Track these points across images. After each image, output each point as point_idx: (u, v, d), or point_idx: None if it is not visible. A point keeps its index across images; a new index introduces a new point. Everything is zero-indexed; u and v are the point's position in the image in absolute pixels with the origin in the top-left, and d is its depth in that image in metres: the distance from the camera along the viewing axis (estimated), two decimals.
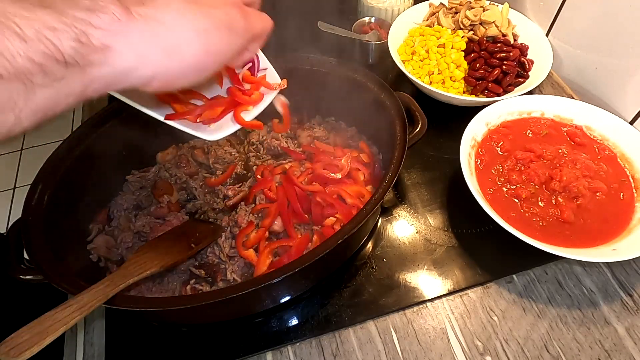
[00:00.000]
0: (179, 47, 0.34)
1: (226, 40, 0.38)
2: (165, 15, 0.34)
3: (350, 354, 0.58)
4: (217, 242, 0.65)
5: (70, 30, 0.28)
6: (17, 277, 0.53)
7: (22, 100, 0.28)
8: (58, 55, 0.28)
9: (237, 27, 0.38)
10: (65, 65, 0.29)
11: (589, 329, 0.59)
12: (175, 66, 0.35)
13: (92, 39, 0.29)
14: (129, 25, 0.31)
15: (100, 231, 0.67)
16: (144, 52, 0.33)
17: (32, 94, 0.28)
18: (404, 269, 0.65)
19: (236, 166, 0.76)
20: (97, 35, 0.29)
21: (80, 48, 0.29)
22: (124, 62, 0.32)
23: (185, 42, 0.35)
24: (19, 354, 0.39)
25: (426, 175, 0.77)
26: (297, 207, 0.65)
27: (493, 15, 0.90)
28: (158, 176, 0.74)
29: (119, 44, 0.31)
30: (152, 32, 0.33)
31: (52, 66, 0.28)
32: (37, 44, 0.27)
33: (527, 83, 0.84)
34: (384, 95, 0.66)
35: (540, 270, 0.65)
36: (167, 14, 0.34)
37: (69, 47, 0.28)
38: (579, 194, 0.65)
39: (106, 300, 0.46)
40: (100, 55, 0.30)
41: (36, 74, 0.28)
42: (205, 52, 0.36)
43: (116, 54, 0.31)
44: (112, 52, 0.31)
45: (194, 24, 0.35)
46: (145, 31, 0.32)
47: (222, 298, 0.47)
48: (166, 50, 0.34)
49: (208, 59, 0.37)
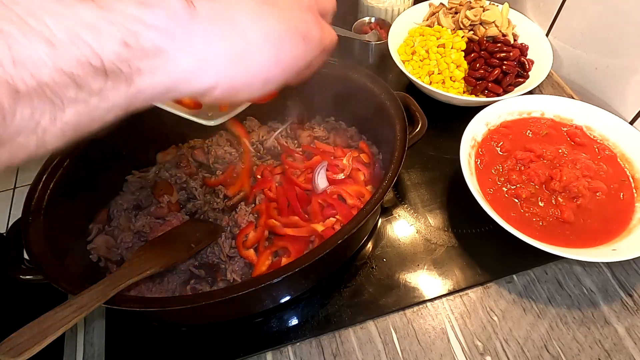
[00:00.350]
0: (248, 54, 0.29)
1: (300, 50, 0.33)
2: (237, 13, 0.28)
3: (350, 354, 0.58)
4: (217, 242, 0.65)
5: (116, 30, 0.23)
6: (17, 277, 0.53)
7: (47, 120, 0.22)
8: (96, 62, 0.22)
9: (312, 38, 0.33)
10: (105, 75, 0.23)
11: (589, 329, 0.59)
12: (241, 75, 0.30)
13: (143, 40, 0.24)
14: (191, 23, 0.26)
15: (100, 231, 0.67)
16: (206, 56, 0.27)
17: (61, 111, 0.22)
18: (404, 269, 0.65)
19: (236, 166, 0.76)
20: (150, 37, 0.24)
21: (126, 52, 0.23)
22: (181, 68, 0.26)
23: (257, 47, 0.29)
24: (19, 354, 0.39)
25: (426, 175, 0.77)
26: (297, 207, 0.65)
27: (493, 15, 0.90)
28: (158, 176, 0.74)
29: (176, 46, 0.25)
30: (219, 33, 0.27)
31: (87, 77, 0.22)
32: (69, 48, 0.21)
33: (527, 83, 0.84)
34: (384, 95, 0.66)
35: (540, 270, 0.65)
36: (239, 13, 0.28)
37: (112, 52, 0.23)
38: (579, 194, 0.65)
39: (106, 300, 0.46)
40: (151, 61, 0.24)
41: (66, 87, 0.22)
42: (276, 61, 0.31)
43: (172, 59, 0.25)
44: (167, 56, 0.25)
45: (268, 28, 0.30)
46: (210, 30, 0.27)
47: (222, 298, 0.47)
48: (233, 55, 0.28)
49: (277, 70, 0.32)
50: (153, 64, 0.25)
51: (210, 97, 0.30)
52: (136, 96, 0.25)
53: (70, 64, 0.21)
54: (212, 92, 0.29)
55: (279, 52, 0.31)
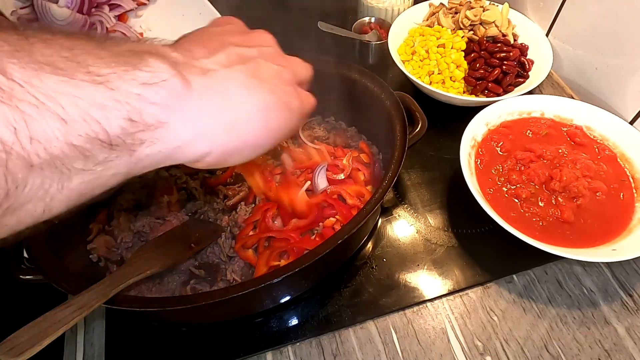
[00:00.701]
0: (240, 122, 0.32)
1: (285, 118, 0.36)
2: (228, 87, 0.31)
3: (350, 354, 0.58)
4: (217, 242, 0.65)
5: (122, 108, 0.25)
6: (17, 277, 0.53)
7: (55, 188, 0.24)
8: (103, 136, 0.24)
9: (293, 106, 0.37)
10: (110, 147, 0.25)
11: (589, 329, 0.59)
12: (234, 142, 0.32)
13: (146, 116, 0.26)
14: (188, 98, 0.28)
15: (100, 231, 0.67)
16: (202, 126, 0.30)
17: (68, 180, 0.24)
18: (404, 269, 0.65)
19: (236, 166, 0.76)
20: (152, 112, 0.26)
21: (131, 127, 0.25)
22: (179, 137, 0.29)
23: (248, 117, 0.32)
24: (19, 354, 0.39)
25: (426, 175, 0.77)
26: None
27: (493, 15, 0.90)
28: (158, 176, 0.74)
29: (175, 118, 0.28)
30: (213, 105, 0.30)
31: (94, 149, 0.24)
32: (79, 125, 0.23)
33: (527, 83, 0.84)
34: (384, 95, 0.66)
35: (540, 270, 0.65)
36: (231, 86, 0.31)
37: (118, 127, 0.25)
38: (579, 194, 0.65)
39: (106, 300, 0.46)
40: (152, 133, 0.27)
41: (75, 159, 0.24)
42: (266, 129, 0.34)
43: (171, 130, 0.28)
44: (167, 128, 0.28)
45: (258, 100, 0.33)
46: (206, 103, 0.30)
47: (222, 298, 0.47)
48: (226, 125, 0.31)
49: (267, 136, 0.35)
50: (154, 135, 0.27)
51: (204, 163, 0.32)
52: (137, 164, 0.28)
53: (79, 138, 0.23)
54: (206, 159, 0.32)
55: (268, 120, 0.34)
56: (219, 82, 0.31)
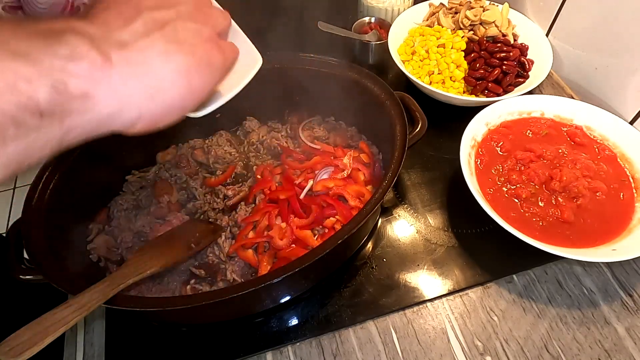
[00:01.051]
0: (163, 89, 0.34)
1: (207, 77, 0.37)
2: (147, 56, 0.33)
3: (350, 354, 0.58)
4: (217, 242, 0.65)
5: (47, 80, 0.27)
6: (17, 277, 0.53)
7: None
8: (32, 106, 0.27)
9: (216, 63, 0.38)
10: (41, 116, 0.27)
11: (589, 329, 0.59)
12: (159, 107, 0.34)
13: (71, 87, 0.28)
14: (110, 71, 0.30)
15: (100, 231, 0.67)
16: (127, 96, 0.32)
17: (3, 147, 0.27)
18: (404, 269, 0.65)
19: (236, 166, 0.76)
20: (76, 83, 0.28)
21: (58, 97, 0.28)
22: (106, 107, 0.31)
23: (169, 83, 0.34)
24: (19, 354, 0.39)
25: (426, 175, 0.77)
26: (297, 207, 0.65)
27: (493, 15, 0.90)
28: (158, 176, 0.74)
29: (100, 90, 0.30)
30: (135, 76, 0.32)
31: (25, 117, 0.27)
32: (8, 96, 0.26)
33: (527, 83, 0.84)
34: (384, 95, 0.66)
35: (540, 270, 0.65)
36: (151, 56, 0.33)
37: (45, 97, 0.27)
38: (579, 194, 0.65)
39: (106, 300, 0.46)
40: (79, 103, 0.29)
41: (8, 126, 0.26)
42: (189, 92, 0.36)
43: (97, 101, 0.30)
44: (93, 99, 0.30)
45: (178, 65, 0.34)
46: (128, 75, 0.32)
47: (222, 298, 0.47)
48: (150, 92, 0.33)
49: (191, 97, 0.37)
50: (82, 105, 0.29)
51: (135, 129, 0.35)
52: (69, 132, 0.30)
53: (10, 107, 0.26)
54: (136, 126, 0.35)
55: (190, 82, 0.36)
56: (138, 54, 0.32)
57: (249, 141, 0.79)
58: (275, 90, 0.73)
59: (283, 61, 0.72)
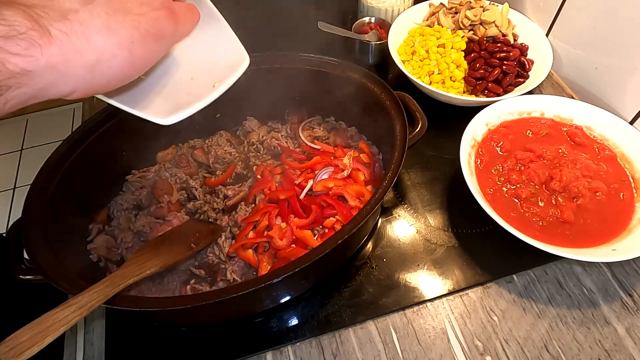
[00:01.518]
0: (102, 62, 0.33)
1: (152, 48, 0.36)
2: (88, 29, 0.32)
3: (350, 354, 0.58)
4: (217, 242, 0.65)
5: None
6: (17, 277, 0.53)
7: None
8: None
9: (164, 33, 0.37)
10: None
11: (589, 329, 0.59)
12: (97, 79, 0.34)
13: (9, 65, 0.28)
14: (49, 47, 0.30)
15: (100, 231, 0.67)
16: (64, 70, 0.31)
17: None
18: (404, 269, 0.65)
19: (236, 166, 0.76)
20: (15, 61, 0.29)
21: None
22: (42, 81, 0.31)
23: (109, 56, 0.33)
24: (19, 354, 0.39)
25: (426, 175, 0.77)
26: (297, 207, 0.65)
27: (493, 15, 0.90)
28: (158, 176, 0.74)
29: (39, 67, 0.30)
30: (73, 50, 0.31)
31: None
32: None
33: (527, 83, 0.84)
34: (384, 95, 0.66)
35: (540, 270, 0.65)
36: (90, 28, 0.32)
37: None
38: (579, 194, 0.65)
39: (106, 300, 0.46)
40: (17, 79, 0.29)
41: None
42: (131, 64, 0.35)
43: (35, 76, 0.30)
44: (32, 75, 0.30)
45: (119, 37, 0.33)
46: (66, 50, 0.31)
47: (222, 298, 0.47)
48: (89, 66, 0.33)
49: (133, 69, 0.36)
50: (20, 81, 0.30)
51: (71, 97, 0.35)
52: (5, 104, 0.30)
53: None
54: (72, 95, 0.34)
55: (132, 55, 0.35)
56: (78, 25, 0.32)
57: (249, 141, 0.79)
58: (275, 90, 0.73)
59: (283, 61, 0.73)
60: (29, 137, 2.23)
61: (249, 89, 0.54)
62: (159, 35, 0.36)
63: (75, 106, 2.30)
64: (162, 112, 0.43)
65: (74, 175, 0.63)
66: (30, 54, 0.29)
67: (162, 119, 0.42)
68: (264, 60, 0.72)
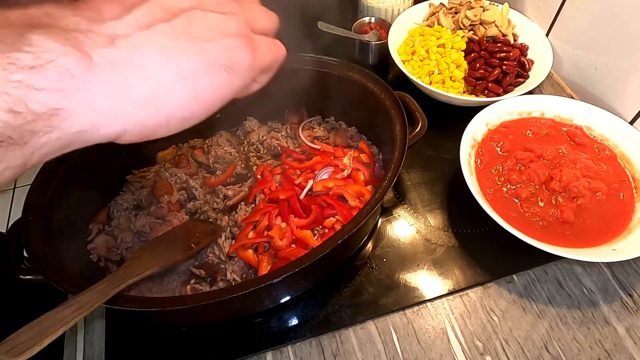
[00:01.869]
0: (158, 97, 0.27)
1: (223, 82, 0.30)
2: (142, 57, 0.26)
3: (350, 354, 0.58)
4: (217, 242, 0.65)
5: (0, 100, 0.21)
6: (17, 277, 0.53)
7: None
8: None
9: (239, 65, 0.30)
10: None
11: (589, 329, 0.59)
12: (152, 118, 0.28)
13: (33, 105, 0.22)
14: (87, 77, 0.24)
15: (100, 231, 0.67)
16: (109, 107, 0.25)
17: None
18: (404, 269, 0.65)
19: (236, 166, 0.76)
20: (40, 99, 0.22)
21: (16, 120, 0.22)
22: (81, 123, 0.25)
23: (168, 89, 0.27)
24: (19, 354, 0.39)
25: (426, 175, 0.77)
26: (297, 207, 0.65)
27: (493, 15, 0.90)
28: (158, 176, 0.74)
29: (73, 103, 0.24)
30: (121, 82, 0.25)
31: None
32: None
33: (527, 83, 0.84)
34: (384, 95, 0.66)
35: (540, 270, 0.65)
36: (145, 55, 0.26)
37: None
38: (579, 194, 0.65)
39: (106, 300, 0.46)
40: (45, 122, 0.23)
41: None
42: (194, 100, 0.29)
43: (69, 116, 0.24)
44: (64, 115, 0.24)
45: (180, 66, 0.27)
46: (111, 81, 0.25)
47: (222, 298, 0.47)
48: (140, 101, 0.26)
49: (196, 106, 0.29)
50: (49, 123, 0.23)
51: (123, 141, 0.28)
52: (33, 154, 0.24)
53: None
54: (122, 138, 0.28)
55: (195, 89, 0.29)
56: (129, 53, 0.26)
57: (249, 141, 0.79)
58: (275, 90, 0.73)
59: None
60: None
61: None
62: (232, 66, 0.30)
63: None
64: None
65: (74, 175, 0.63)
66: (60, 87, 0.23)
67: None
68: None
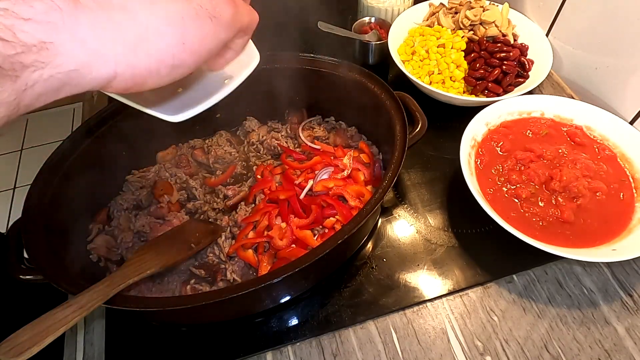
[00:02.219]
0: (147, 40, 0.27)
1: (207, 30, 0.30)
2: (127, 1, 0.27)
3: (350, 354, 0.58)
4: (217, 242, 0.65)
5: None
6: (17, 277, 0.53)
7: None
8: None
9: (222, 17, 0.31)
10: None
11: (589, 329, 0.59)
12: (143, 62, 0.28)
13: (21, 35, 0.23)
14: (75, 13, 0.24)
15: (100, 231, 0.67)
16: (98, 46, 0.26)
17: None
18: (404, 269, 0.65)
19: (236, 166, 0.76)
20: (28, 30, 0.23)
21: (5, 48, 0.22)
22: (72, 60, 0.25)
23: (155, 31, 0.27)
24: (19, 354, 0.39)
25: (426, 175, 0.77)
26: (297, 207, 0.65)
27: (493, 15, 0.90)
28: (158, 176, 0.74)
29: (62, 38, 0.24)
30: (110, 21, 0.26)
31: None
32: None
33: (527, 83, 0.84)
34: (384, 95, 0.66)
35: (540, 270, 0.65)
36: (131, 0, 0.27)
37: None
38: (579, 194, 0.65)
39: (106, 300, 0.46)
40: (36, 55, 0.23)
41: None
42: (181, 45, 0.29)
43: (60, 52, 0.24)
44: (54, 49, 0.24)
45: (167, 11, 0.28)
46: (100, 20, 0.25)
47: (222, 298, 0.47)
48: (129, 42, 0.27)
49: (184, 53, 0.30)
50: (39, 57, 0.24)
51: (114, 88, 0.28)
52: (25, 92, 0.24)
53: None
54: (114, 83, 0.28)
55: (183, 34, 0.29)
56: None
57: (249, 141, 0.79)
58: (275, 90, 0.73)
59: (283, 61, 0.73)
60: (29, 137, 2.23)
61: (249, 89, 0.54)
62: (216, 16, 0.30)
63: (75, 106, 2.30)
64: (170, 109, 0.41)
65: (74, 175, 0.63)
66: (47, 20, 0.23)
67: (170, 116, 0.40)
68: (264, 60, 0.71)
